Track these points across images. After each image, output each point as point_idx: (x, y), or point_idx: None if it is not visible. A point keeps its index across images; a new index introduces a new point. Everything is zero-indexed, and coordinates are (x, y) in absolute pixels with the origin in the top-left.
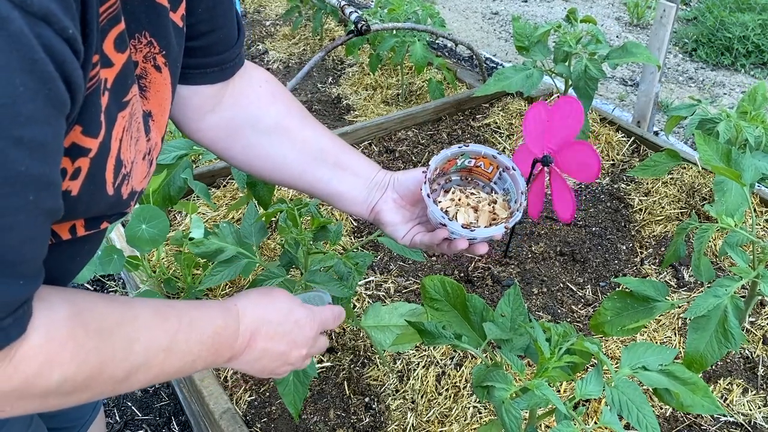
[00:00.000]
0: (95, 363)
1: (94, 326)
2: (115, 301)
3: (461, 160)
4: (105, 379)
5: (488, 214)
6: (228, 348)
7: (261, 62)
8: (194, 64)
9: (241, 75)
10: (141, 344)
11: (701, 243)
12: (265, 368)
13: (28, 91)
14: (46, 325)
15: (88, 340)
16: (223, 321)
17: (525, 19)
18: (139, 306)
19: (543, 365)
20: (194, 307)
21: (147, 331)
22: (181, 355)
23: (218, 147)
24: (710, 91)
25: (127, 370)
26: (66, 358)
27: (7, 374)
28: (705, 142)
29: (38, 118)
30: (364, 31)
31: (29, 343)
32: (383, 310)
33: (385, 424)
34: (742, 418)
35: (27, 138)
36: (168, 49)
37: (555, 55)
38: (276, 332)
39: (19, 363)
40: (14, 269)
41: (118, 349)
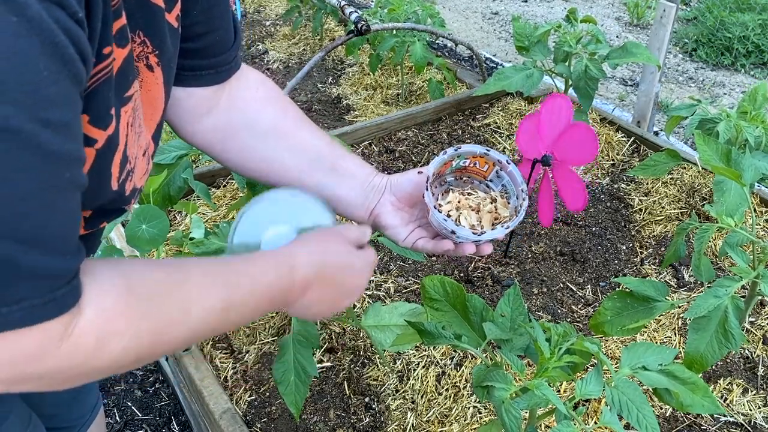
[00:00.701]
0: (153, 330)
1: (146, 295)
2: (167, 266)
3: (456, 162)
4: (166, 343)
5: (490, 213)
6: (282, 299)
7: (261, 62)
8: (189, 66)
9: (237, 78)
10: (197, 306)
11: (701, 243)
12: (317, 315)
13: (51, 74)
14: (97, 300)
15: (141, 309)
16: (276, 276)
17: (525, 19)
18: (191, 268)
19: (543, 365)
20: (249, 263)
21: (201, 293)
22: (238, 311)
23: (214, 150)
24: (710, 91)
25: (186, 332)
26: (122, 328)
27: (69, 352)
28: (705, 142)
29: (62, 99)
30: (364, 31)
31: (84, 319)
32: (383, 310)
33: (385, 424)
34: (742, 418)
35: (55, 119)
36: (161, 49)
37: (555, 55)
38: (329, 284)
39: (78, 339)
40: (61, 244)
41: (174, 314)
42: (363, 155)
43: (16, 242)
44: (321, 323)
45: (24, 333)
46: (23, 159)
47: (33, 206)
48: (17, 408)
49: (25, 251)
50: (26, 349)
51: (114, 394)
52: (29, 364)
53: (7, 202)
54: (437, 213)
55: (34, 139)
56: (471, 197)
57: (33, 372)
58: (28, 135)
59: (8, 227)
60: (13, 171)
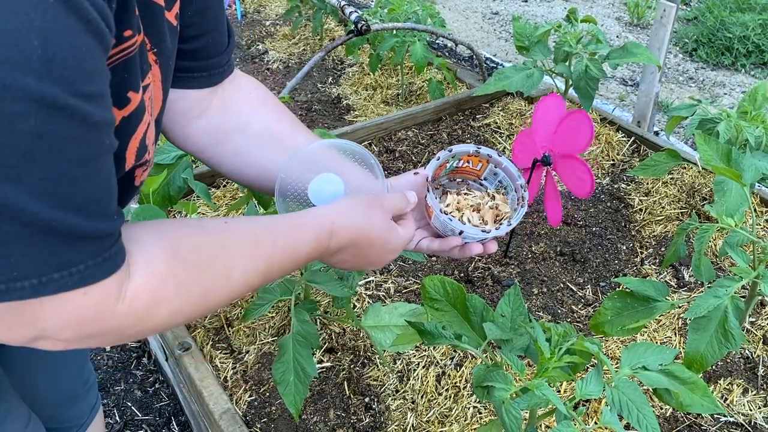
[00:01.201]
0: (198, 293)
1: (191, 259)
2: (210, 231)
3: (450, 163)
4: (210, 304)
5: (491, 210)
6: (317, 258)
7: (261, 62)
8: (182, 68)
9: (230, 81)
10: (238, 271)
11: (701, 243)
12: (335, 266)
13: (88, 50)
14: (145, 265)
15: (187, 274)
16: (316, 242)
17: (525, 19)
18: (233, 233)
19: (543, 365)
20: (289, 229)
21: (243, 257)
22: (277, 274)
23: (206, 154)
24: (710, 91)
25: (228, 295)
26: (170, 292)
27: (124, 312)
28: (705, 142)
29: (98, 71)
30: (364, 31)
31: (134, 283)
32: (383, 310)
33: (385, 425)
34: (742, 418)
35: (94, 92)
36: (160, 47)
37: (555, 55)
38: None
39: (131, 302)
40: (106, 206)
41: (218, 278)
42: None
43: (72, 208)
44: (321, 323)
45: (86, 292)
46: (71, 131)
47: (82, 173)
48: (17, 408)
49: (80, 216)
50: (88, 308)
51: (114, 394)
52: (91, 324)
53: (61, 171)
54: (443, 215)
55: (79, 112)
56: (469, 197)
57: (94, 331)
58: (74, 109)
59: (64, 195)
60: (63, 141)
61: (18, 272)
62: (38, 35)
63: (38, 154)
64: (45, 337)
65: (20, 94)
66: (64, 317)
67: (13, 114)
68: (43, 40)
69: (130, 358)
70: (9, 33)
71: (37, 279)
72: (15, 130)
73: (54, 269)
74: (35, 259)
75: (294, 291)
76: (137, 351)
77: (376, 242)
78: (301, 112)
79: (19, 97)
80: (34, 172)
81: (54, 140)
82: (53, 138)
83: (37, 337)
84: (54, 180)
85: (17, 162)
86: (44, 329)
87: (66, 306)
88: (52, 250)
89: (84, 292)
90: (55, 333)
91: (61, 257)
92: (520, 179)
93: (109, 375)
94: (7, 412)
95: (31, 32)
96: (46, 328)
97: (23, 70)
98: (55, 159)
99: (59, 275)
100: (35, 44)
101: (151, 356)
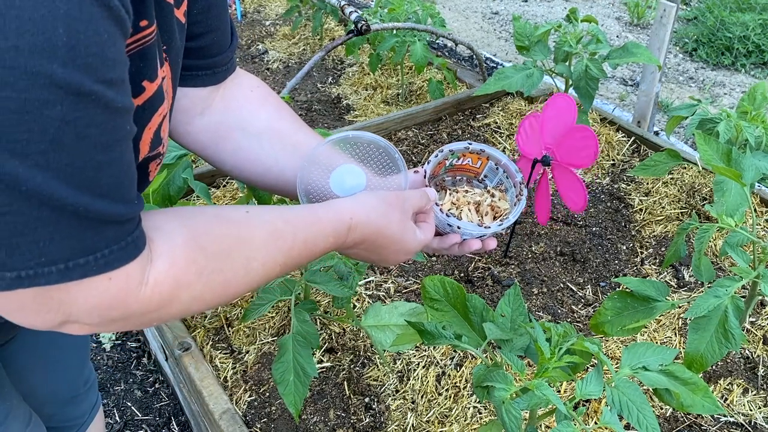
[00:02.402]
0: (219, 282)
1: (212, 249)
2: (231, 221)
3: (450, 160)
4: (230, 294)
5: (490, 207)
6: (334, 250)
7: (261, 62)
8: (186, 66)
9: (232, 80)
10: (258, 262)
11: (701, 243)
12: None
13: (110, 36)
14: (167, 252)
15: (208, 262)
16: (334, 236)
17: (525, 18)
18: (255, 224)
19: (543, 365)
20: (310, 224)
21: (264, 249)
22: (294, 266)
23: (208, 151)
24: (710, 91)
25: (247, 285)
26: (191, 279)
27: (147, 297)
28: (705, 142)
29: (119, 58)
30: (364, 31)
31: (157, 269)
32: (383, 310)
33: (385, 425)
34: (743, 419)
35: (116, 78)
36: (170, 44)
37: (555, 55)
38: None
39: (154, 287)
40: (128, 191)
41: (238, 268)
42: None
43: (97, 193)
44: (321, 323)
45: (111, 277)
46: (95, 117)
47: (106, 158)
48: (18, 407)
49: (104, 200)
50: (113, 293)
51: (114, 394)
52: (116, 308)
53: (87, 156)
54: (439, 211)
55: (103, 98)
56: (468, 194)
57: (118, 315)
58: (97, 95)
59: (90, 180)
60: (88, 127)
61: (46, 257)
62: (63, 23)
63: (65, 140)
64: (71, 321)
65: (47, 82)
66: (90, 302)
67: (41, 101)
68: (68, 28)
69: (130, 358)
70: (36, 21)
71: (63, 264)
72: (43, 116)
73: (80, 254)
74: (62, 244)
75: (294, 291)
76: (137, 351)
77: (391, 242)
78: (301, 112)
79: (46, 85)
80: (62, 157)
81: (80, 126)
82: (79, 124)
83: (64, 322)
84: (80, 165)
85: (45, 148)
86: (71, 314)
87: (92, 291)
88: (79, 235)
89: (109, 277)
90: (81, 317)
91: (86, 242)
92: (518, 176)
93: (109, 375)
94: (8, 411)
95: (57, 20)
96: (73, 312)
97: (50, 58)
98: (81, 145)
99: (85, 260)
100: (60, 32)
101: (151, 356)
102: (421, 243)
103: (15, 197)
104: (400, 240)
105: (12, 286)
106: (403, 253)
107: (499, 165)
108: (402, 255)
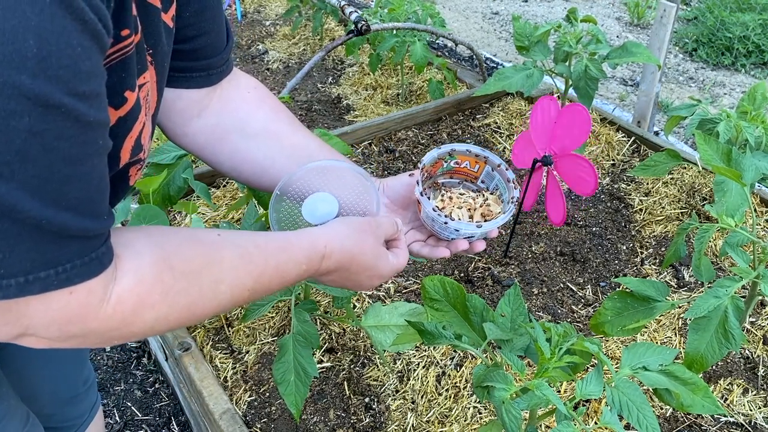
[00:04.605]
0: (184, 304)
1: (180, 269)
2: (202, 243)
3: (447, 162)
4: (196, 316)
5: (480, 209)
6: (307, 278)
7: (261, 62)
8: (180, 68)
9: (229, 81)
10: (227, 285)
11: (701, 243)
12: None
13: (84, 50)
14: (134, 270)
15: (175, 283)
16: (307, 264)
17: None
18: (225, 247)
19: (543, 365)
20: (281, 250)
21: (233, 272)
22: (264, 292)
23: (205, 153)
24: (710, 91)
25: (215, 308)
26: (156, 299)
27: (108, 314)
28: (705, 142)
29: (94, 72)
30: (364, 31)
31: (121, 287)
32: (383, 310)
33: (385, 425)
34: (743, 419)
35: (88, 92)
36: (156, 48)
37: (555, 55)
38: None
39: (116, 305)
40: (98, 206)
41: (205, 290)
42: (363, 155)
43: (63, 207)
44: (321, 323)
45: (71, 291)
46: (65, 130)
47: (75, 172)
48: (16, 407)
49: (70, 214)
50: (73, 308)
51: (114, 394)
52: (75, 324)
53: (54, 169)
54: (427, 205)
55: (74, 111)
56: (463, 196)
57: (77, 332)
58: (68, 108)
59: (56, 193)
60: (56, 140)
61: (5, 270)
62: (34, 34)
63: (32, 151)
64: (29, 335)
65: (15, 92)
66: (48, 316)
67: (8, 111)
68: (38, 40)
69: (130, 358)
70: (5, 31)
71: (23, 277)
72: (9, 127)
73: (41, 268)
74: (23, 257)
75: (294, 291)
76: (137, 351)
77: (365, 268)
78: (301, 112)
79: (13, 95)
80: (27, 169)
81: (48, 138)
82: (47, 136)
83: (22, 334)
84: (47, 178)
85: (10, 159)
86: (29, 327)
87: (51, 305)
88: (41, 248)
89: (70, 291)
90: (39, 331)
91: (49, 255)
92: (508, 173)
93: (109, 375)
94: (6, 412)
95: (28, 31)
96: (31, 325)
97: (18, 69)
98: (48, 157)
99: (46, 274)
100: (31, 43)
101: (151, 356)
102: (394, 267)
103: None
104: (374, 266)
105: None
106: (377, 277)
107: (497, 170)
108: (376, 280)
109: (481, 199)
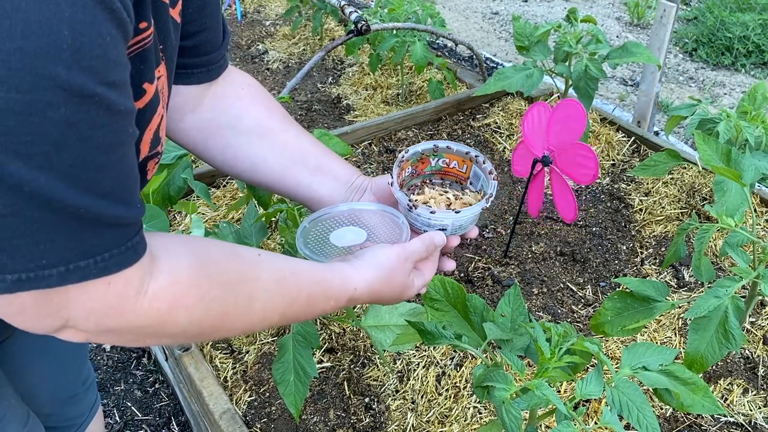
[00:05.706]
0: (218, 312)
1: (217, 278)
2: (242, 259)
3: (434, 160)
4: (226, 327)
5: (458, 203)
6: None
7: (261, 62)
8: (180, 64)
9: (224, 77)
10: (260, 304)
11: (701, 243)
12: None
13: (113, 39)
14: (171, 270)
15: (211, 289)
16: (335, 301)
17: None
18: (264, 268)
19: (543, 365)
20: (315, 283)
21: (267, 293)
22: (292, 319)
23: (198, 148)
24: (710, 91)
25: (246, 324)
26: (191, 302)
27: (144, 308)
28: (705, 142)
29: (121, 61)
30: (364, 31)
31: (158, 283)
32: (383, 310)
33: (385, 425)
34: (743, 419)
35: (118, 81)
36: (165, 43)
37: (555, 55)
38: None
39: (152, 302)
40: (130, 194)
41: (240, 303)
42: (363, 155)
43: (99, 195)
44: (321, 323)
45: (110, 282)
46: (98, 119)
47: (108, 160)
48: (16, 407)
49: (106, 202)
50: (110, 298)
51: (114, 394)
52: (111, 317)
53: (88, 158)
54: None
55: (106, 100)
56: (445, 194)
57: (114, 325)
58: (101, 98)
59: (92, 182)
60: (90, 129)
61: (46, 260)
62: (68, 25)
63: (68, 141)
64: (69, 327)
65: (51, 84)
66: (88, 306)
67: (45, 103)
68: (72, 31)
69: (130, 358)
70: (41, 23)
71: (64, 266)
72: (46, 118)
73: (80, 257)
74: (63, 247)
75: None
76: (137, 351)
77: (388, 300)
78: (301, 112)
79: (50, 87)
80: (64, 159)
81: (83, 128)
82: (82, 126)
83: (63, 326)
84: (83, 167)
85: (48, 150)
86: (69, 318)
87: (90, 295)
88: (79, 237)
89: (108, 281)
90: (78, 322)
91: (87, 245)
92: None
93: (109, 375)
94: (6, 411)
95: (62, 23)
96: (71, 317)
97: (54, 60)
98: (83, 146)
99: (85, 263)
100: (65, 34)
101: (151, 356)
102: (418, 288)
103: (17, 198)
104: (399, 297)
105: (13, 289)
106: (400, 299)
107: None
108: (398, 301)
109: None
